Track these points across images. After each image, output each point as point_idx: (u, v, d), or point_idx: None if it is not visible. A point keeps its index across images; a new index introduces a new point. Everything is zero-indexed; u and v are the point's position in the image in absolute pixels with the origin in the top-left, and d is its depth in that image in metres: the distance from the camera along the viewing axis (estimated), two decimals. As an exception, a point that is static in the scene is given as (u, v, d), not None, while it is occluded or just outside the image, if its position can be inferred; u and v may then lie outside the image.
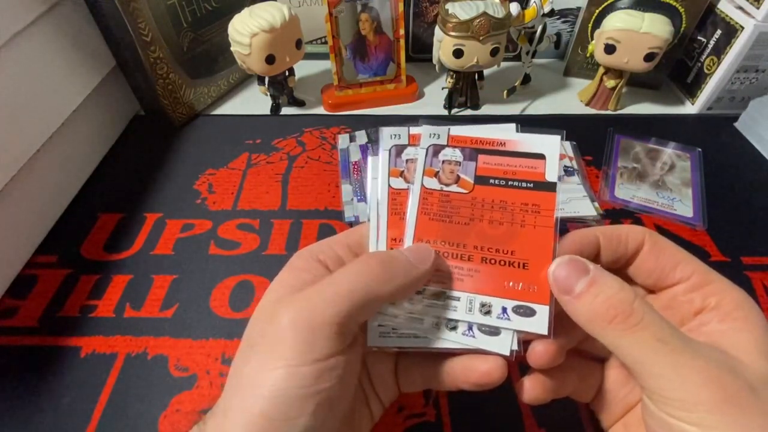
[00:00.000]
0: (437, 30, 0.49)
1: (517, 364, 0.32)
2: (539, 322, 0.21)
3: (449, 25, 0.46)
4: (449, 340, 0.22)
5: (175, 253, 0.39)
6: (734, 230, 0.41)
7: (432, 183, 0.24)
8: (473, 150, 0.24)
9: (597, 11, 0.54)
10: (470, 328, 0.22)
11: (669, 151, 0.49)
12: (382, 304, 0.22)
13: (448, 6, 0.47)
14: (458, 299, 0.22)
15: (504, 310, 0.22)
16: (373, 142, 0.48)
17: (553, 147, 0.24)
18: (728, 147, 0.51)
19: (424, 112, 0.55)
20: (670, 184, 0.45)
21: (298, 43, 0.50)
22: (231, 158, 0.48)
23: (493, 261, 0.22)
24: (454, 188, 0.24)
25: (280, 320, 0.19)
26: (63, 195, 0.43)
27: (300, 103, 0.56)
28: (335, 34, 0.51)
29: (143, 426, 0.29)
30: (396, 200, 0.24)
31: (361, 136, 0.49)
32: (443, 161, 0.24)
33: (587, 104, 0.56)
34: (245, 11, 0.47)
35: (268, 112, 0.55)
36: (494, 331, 0.22)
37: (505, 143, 0.24)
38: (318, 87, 0.57)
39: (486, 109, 0.56)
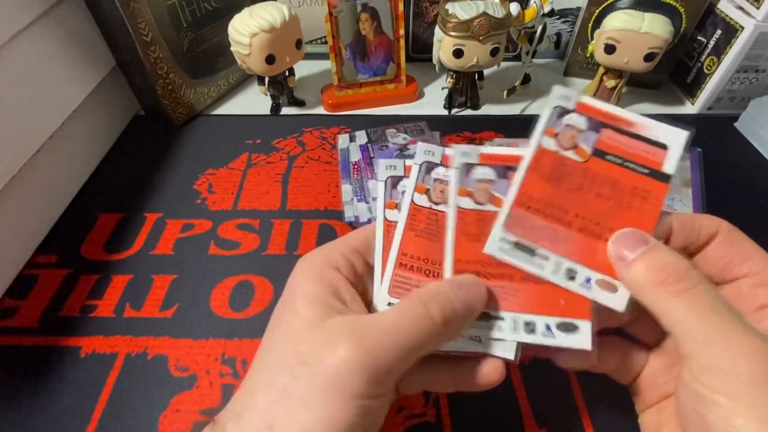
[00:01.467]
0: (437, 30, 0.49)
1: (517, 366, 0.32)
2: (618, 299, 0.21)
3: (449, 25, 0.46)
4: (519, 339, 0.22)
5: (175, 253, 0.39)
6: (734, 230, 0.41)
7: (548, 142, 0.24)
8: (599, 122, 0.24)
9: (597, 11, 0.54)
10: (588, 280, 0.22)
11: (669, 151, 0.49)
12: (430, 351, 0.22)
13: (448, 6, 0.47)
14: (547, 258, 0.22)
15: (588, 279, 0.22)
16: (373, 141, 0.48)
17: (678, 140, 0.23)
18: (728, 147, 0.51)
19: (424, 112, 0.55)
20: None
21: (298, 43, 0.50)
22: (231, 158, 0.48)
23: (591, 233, 0.22)
24: (570, 154, 0.24)
25: (338, 351, 0.19)
26: (63, 195, 0.43)
27: (300, 103, 0.56)
28: (335, 34, 0.51)
29: (143, 426, 0.29)
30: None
31: (361, 136, 0.49)
32: (566, 125, 0.24)
33: (587, 104, 0.56)
34: (245, 11, 0.47)
35: (268, 112, 0.55)
36: (570, 328, 0.22)
37: (633, 124, 0.24)
38: (318, 87, 0.57)
39: (486, 109, 0.56)
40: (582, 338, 0.22)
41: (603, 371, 0.25)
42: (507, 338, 0.22)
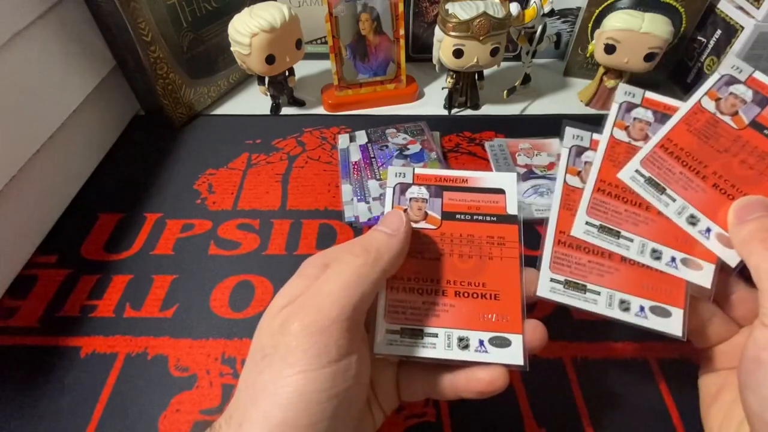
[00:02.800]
0: (437, 30, 0.49)
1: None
2: (515, 353, 0.22)
3: (449, 25, 0.46)
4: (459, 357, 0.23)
5: (175, 253, 0.39)
6: (734, 230, 0.41)
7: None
8: (438, 187, 0.25)
9: (597, 11, 0.54)
10: (481, 343, 0.22)
11: (669, 151, 0.49)
12: (379, 287, 0.22)
13: (448, 6, 0.47)
14: (436, 335, 0.23)
15: (481, 342, 0.22)
16: (373, 141, 0.48)
17: (511, 183, 0.25)
18: (728, 147, 0.51)
19: (424, 112, 0.55)
20: (670, 184, 0.45)
21: (298, 43, 0.50)
22: (231, 158, 0.48)
23: (465, 294, 0.23)
24: (422, 225, 0.25)
25: (289, 328, 0.19)
26: (63, 195, 0.43)
27: (300, 103, 0.56)
28: (335, 34, 0.51)
29: (143, 426, 0.29)
30: (569, 197, 0.26)
31: (361, 136, 0.49)
32: (410, 199, 0.25)
33: (587, 104, 0.56)
34: (245, 11, 0.47)
35: (268, 112, 0.55)
36: (504, 343, 0.22)
37: (467, 180, 0.26)
38: (318, 87, 0.57)
39: (486, 109, 0.56)
40: (514, 353, 0.22)
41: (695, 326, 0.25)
42: (441, 357, 0.22)
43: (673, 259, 0.23)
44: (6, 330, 0.34)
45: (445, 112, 0.56)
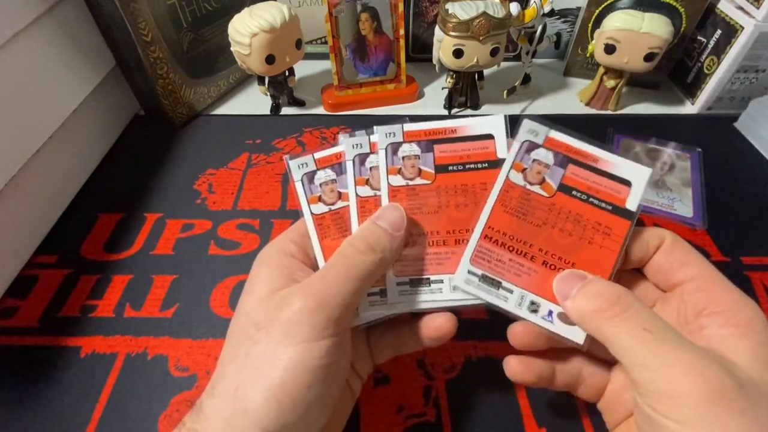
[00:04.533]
0: (437, 30, 0.49)
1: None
2: (577, 331, 0.22)
3: (449, 25, 0.46)
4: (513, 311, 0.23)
5: (175, 253, 0.39)
6: (734, 230, 0.41)
7: (516, 177, 0.25)
8: (566, 157, 0.25)
9: (597, 11, 0.54)
10: (550, 313, 0.23)
11: (669, 151, 0.49)
12: (376, 277, 0.23)
13: (448, 6, 0.47)
14: (511, 291, 0.23)
15: (550, 312, 0.23)
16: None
17: (641, 177, 0.24)
18: (728, 147, 0.51)
19: (424, 112, 0.55)
20: (670, 184, 0.45)
21: (298, 43, 0.50)
22: (231, 158, 0.48)
23: (552, 267, 0.23)
24: (537, 189, 0.24)
25: (292, 305, 0.21)
26: (63, 195, 0.43)
27: (300, 103, 0.56)
28: (335, 34, 0.51)
29: (143, 426, 0.29)
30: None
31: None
32: (534, 159, 0.25)
33: (587, 104, 0.56)
34: (245, 11, 0.47)
35: (268, 112, 0.55)
36: (571, 320, 0.23)
37: (598, 160, 0.25)
38: (318, 87, 0.57)
39: (486, 109, 0.56)
40: (577, 332, 0.22)
41: (554, 387, 0.25)
42: (510, 310, 0.23)
43: (550, 313, 0.23)
44: (6, 330, 0.34)
45: (445, 112, 0.56)
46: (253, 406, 0.19)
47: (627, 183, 0.24)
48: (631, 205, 0.24)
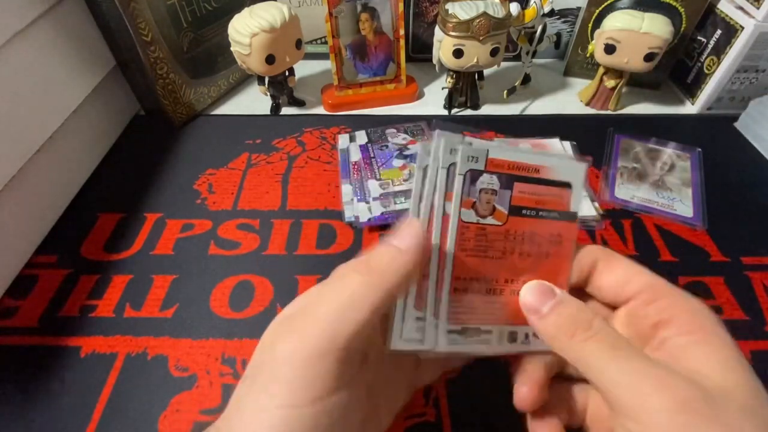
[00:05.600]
0: (437, 30, 0.49)
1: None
2: None
3: (449, 25, 0.46)
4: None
5: (175, 253, 0.39)
6: (734, 230, 0.41)
7: (469, 215, 0.22)
8: (510, 176, 0.23)
9: (597, 11, 0.54)
10: (527, 336, 0.23)
11: (669, 151, 0.49)
12: (383, 310, 0.19)
13: (448, 6, 0.47)
14: (491, 332, 0.23)
15: (527, 336, 0.23)
16: (373, 141, 0.48)
17: (578, 175, 0.23)
18: (728, 147, 0.51)
19: (424, 112, 0.55)
20: (670, 184, 0.45)
21: (298, 43, 0.50)
22: (231, 158, 0.48)
23: (518, 293, 0.23)
24: (490, 221, 0.22)
25: (277, 347, 0.17)
26: (63, 195, 0.43)
27: (300, 103, 0.56)
28: (335, 34, 0.51)
29: (143, 426, 0.29)
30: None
31: (361, 136, 0.49)
32: (480, 190, 0.22)
33: (587, 104, 0.56)
34: (245, 11, 0.47)
35: (268, 112, 0.55)
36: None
37: (539, 169, 0.23)
38: (318, 87, 0.57)
39: (486, 109, 0.56)
40: None
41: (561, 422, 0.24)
42: (496, 352, 0.23)
43: (527, 336, 0.23)
44: (6, 330, 0.34)
45: (445, 112, 0.56)
46: None
47: (568, 185, 0.23)
48: (574, 206, 0.23)
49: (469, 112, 0.56)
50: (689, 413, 0.16)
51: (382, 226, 0.41)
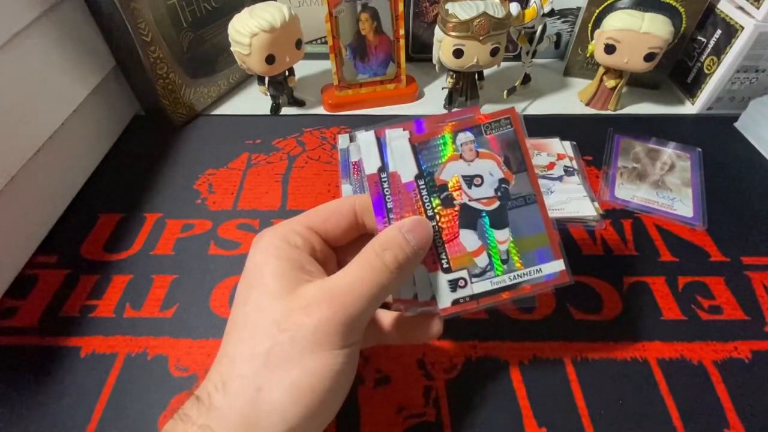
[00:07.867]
0: (437, 30, 0.49)
1: (518, 366, 0.32)
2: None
3: (449, 25, 0.46)
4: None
5: (175, 253, 0.39)
6: (734, 230, 0.41)
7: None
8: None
9: (597, 11, 0.54)
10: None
11: (669, 151, 0.49)
12: (392, 291, 0.24)
13: (448, 6, 0.47)
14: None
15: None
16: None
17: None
18: (728, 147, 0.51)
19: (424, 112, 0.55)
20: (670, 184, 0.45)
21: (298, 43, 0.50)
22: (231, 158, 0.48)
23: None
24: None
25: (319, 313, 0.21)
26: (63, 195, 0.43)
27: (300, 103, 0.56)
28: (335, 34, 0.51)
29: (143, 426, 0.29)
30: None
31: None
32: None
33: (587, 104, 0.56)
34: (245, 11, 0.47)
35: (268, 112, 0.55)
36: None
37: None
38: (318, 87, 0.57)
39: (486, 109, 0.56)
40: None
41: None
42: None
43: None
44: (6, 330, 0.34)
45: (445, 112, 0.56)
46: (280, 406, 0.20)
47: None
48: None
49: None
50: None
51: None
